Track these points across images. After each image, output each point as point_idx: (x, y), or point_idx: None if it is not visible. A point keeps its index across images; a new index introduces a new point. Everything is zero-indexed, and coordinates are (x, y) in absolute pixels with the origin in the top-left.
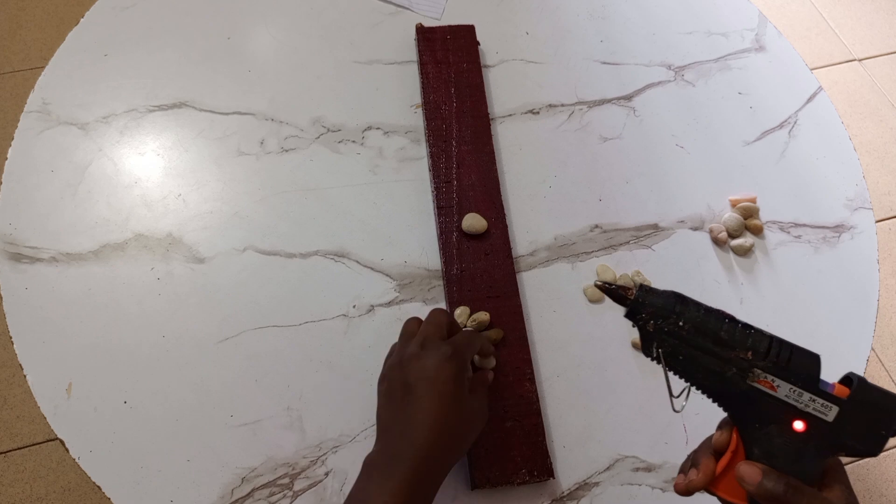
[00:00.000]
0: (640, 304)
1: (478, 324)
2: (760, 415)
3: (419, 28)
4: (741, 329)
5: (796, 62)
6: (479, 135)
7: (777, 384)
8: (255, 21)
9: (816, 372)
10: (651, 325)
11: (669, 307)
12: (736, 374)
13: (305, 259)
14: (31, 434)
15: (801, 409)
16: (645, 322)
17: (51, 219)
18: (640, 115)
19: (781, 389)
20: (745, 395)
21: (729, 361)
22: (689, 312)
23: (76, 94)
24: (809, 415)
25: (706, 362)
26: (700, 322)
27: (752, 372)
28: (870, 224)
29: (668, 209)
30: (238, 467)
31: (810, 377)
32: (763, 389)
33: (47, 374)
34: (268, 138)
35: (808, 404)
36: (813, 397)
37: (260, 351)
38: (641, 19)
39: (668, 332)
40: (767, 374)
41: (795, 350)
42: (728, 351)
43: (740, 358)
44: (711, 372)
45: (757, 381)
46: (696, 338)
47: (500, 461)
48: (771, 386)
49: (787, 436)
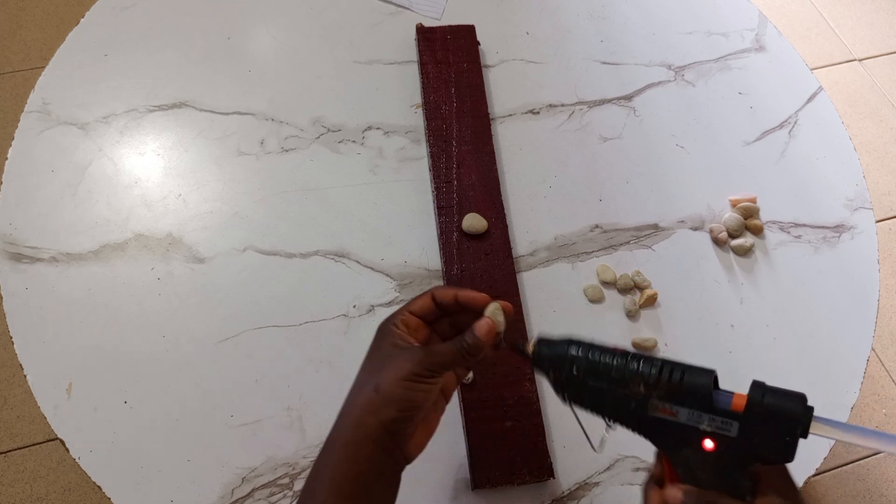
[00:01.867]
0: (539, 358)
1: None
2: (672, 440)
3: (419, 28)
4: (631, 363)
5: (796, 62)
6: (479, 135)
7: (676, 410)
8: (255, 21)
9: (709, 390)
10: (552, 375)
11: (563, 356)
12: (637, 407)
13: (305, 259)
14: (32, 434)
15: (704, 429)
16: (547, 373)
17: (51, 219)
18: (641, 115)
19: (681, 414)
20: (651, 426)
21: (626, 397)
22: (580, 358)
23: (76, 95)
24: (713, 433)
25: (608, 400)
26: (592, 365)
27: (650, 403)
28: (870, 224)
29: (668, 209)
30: (238, 467)
31: (705, 397)
32: (665, 417)
33: (47, 374)
34: (268, 138)
35: (710, 424)
36: (712, 417)
37: (260, 351)
38: (641, 19)
39: (567, 379)
40: (664, 403)
41: (687, 371)
42: (623, 388)
43: (635, 392)
44: (616, 408)
45: (658, 410)
46: (592, 380)
47: (500, 461)
48: (671, 412)
49: (702, 455)
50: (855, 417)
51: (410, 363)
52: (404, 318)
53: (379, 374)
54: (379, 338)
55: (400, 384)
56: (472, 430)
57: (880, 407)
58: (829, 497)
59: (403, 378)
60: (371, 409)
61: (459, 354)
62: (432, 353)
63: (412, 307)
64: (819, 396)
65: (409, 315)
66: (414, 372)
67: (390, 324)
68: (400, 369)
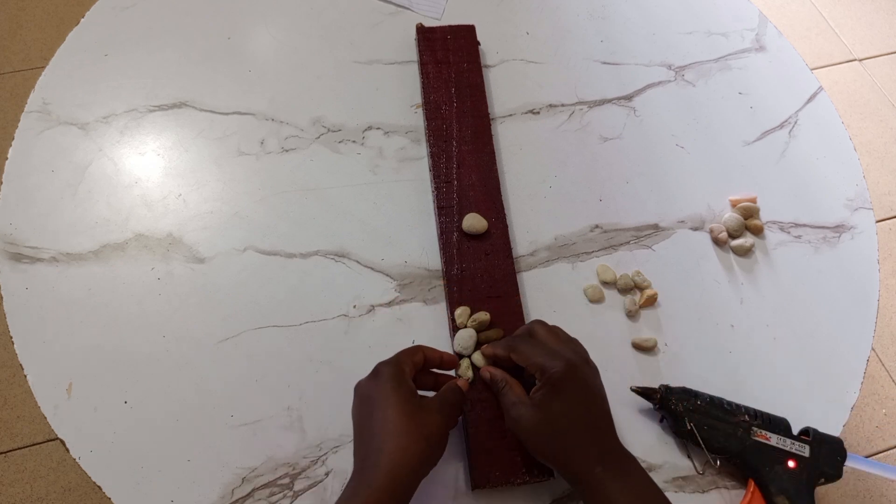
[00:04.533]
0: (667, 395)
1: (478, 324)
2: (766, 459)
3: (419, 28)
4: (734, 403)
5: (796, 62)
6: (479, 135)
7: (769, 436)
8: (255, 21)
9: (787, 422)
10: (681, 406)
11: (688, 391)
12: (743, 433)
13: (306, 259)
14: (32, 434)
15: (788, 450)
16: (675, 405)
17: (51, 219)
18: (641, 115)
19: (773, 439)
20: (752, 447)
21: (736, 424)
22: (700, 396)
23: (76, 94)
24: (795, 454)
25: (722, 427)
26: (709, 401)
27: (752, 430)
28: (870, 224)
29: (668, 209)
30: (238, 467)
31: (787, 429)
32: (762, 441)
33: (48, 374)
34: (268, 138)
35: (791, 446)
36: (792, 441)
37: (260, 351)
38: (641, 19)
39: (693, 409)
40: (762, 430)
41: (770, 414)
42: (733, 417)
43: (742, 420)
44: (727, 434)
45: (757, 435)
46: (711, 410)
47: (500, 461)
48: (766, 437)
49: (788, 472)
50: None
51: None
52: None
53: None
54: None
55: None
56: (473, 431)
57: (880, 407)
58: (830, 497)
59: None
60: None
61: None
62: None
63: (416, 360)
64: (819, 396)
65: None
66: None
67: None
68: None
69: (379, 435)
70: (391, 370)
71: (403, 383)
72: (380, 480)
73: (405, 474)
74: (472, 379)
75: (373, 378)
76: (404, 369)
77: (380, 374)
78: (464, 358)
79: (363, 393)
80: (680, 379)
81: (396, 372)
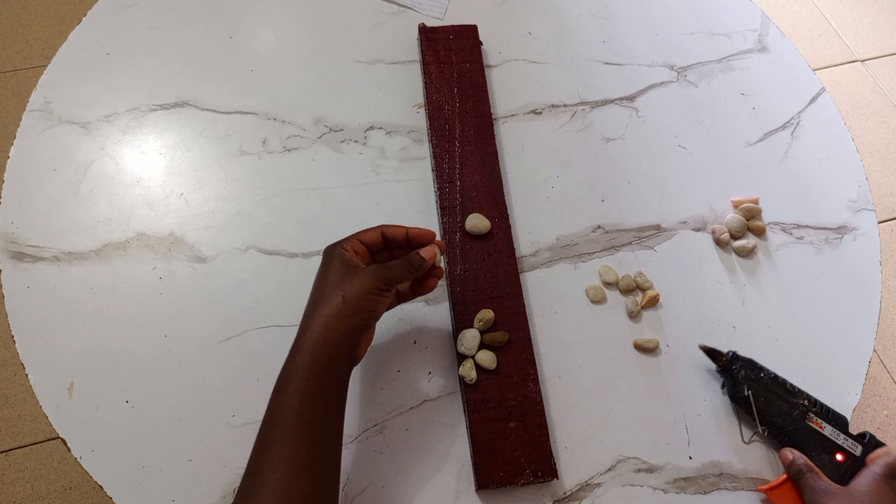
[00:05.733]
0: (732, 361)
1: (484, 322)
2: (814, 446)
3: (422, 28)
4: (798, 387)
5: (799, 63)
6: (481, 135)
7: (824, 426)
8: (257, 20)
9: (846, 420)
10: (742, 373)
11: (754, 363)
12: (799, 415)
13: (307, 259)
14: (33, 433)
15: (840, 444)
16: (738, 371)
17: (53, 218)
18: (643, 115)
19: (827, 430)
20: (804, 430)
21: (794, 406)
22: (765, 371)
23: (78, 93)
24: (846, 450)
25: (779, 404)
26: (773, 377)
27: (808, 415)
28: (872, 225)
29: (670, 210)
30: (240, 467)
31: (844, 425)
32: (816, 428)
33: (49, 373)
34: (270, 138)
35: (844, 442)
36: (846, 437)
37: (262, 350)
38: (644, 20)
39: (754, 378)
40: (819, 418)
41: (831, 408)
42: (793, 398)
43: (801, 403)
44: (782, 411)
45: (812, 421)
46: (772, 385)
47: (504, 462)
48: (820, 426)
49: (833, 463)
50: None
51: (372, 278)
52: (354, 245)
53: (342, 287)
54: (329, 259)
55: (364, 296)
56: (476, 431)
57: (882, 408)
58: None
59: (367, 291)
60: (339, 317)
61: (408, 270)
62: (388, 268)
63: (362, 237)
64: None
65: (358, 243)
66: (376, 286)
67: (340, 247)
68: (363, 283)
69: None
70: (327, 249)
71: (334, 257)
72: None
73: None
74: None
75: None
76: (344, 245)
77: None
78: (467, 358)
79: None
80: (681, 378)
81: (330, 248)
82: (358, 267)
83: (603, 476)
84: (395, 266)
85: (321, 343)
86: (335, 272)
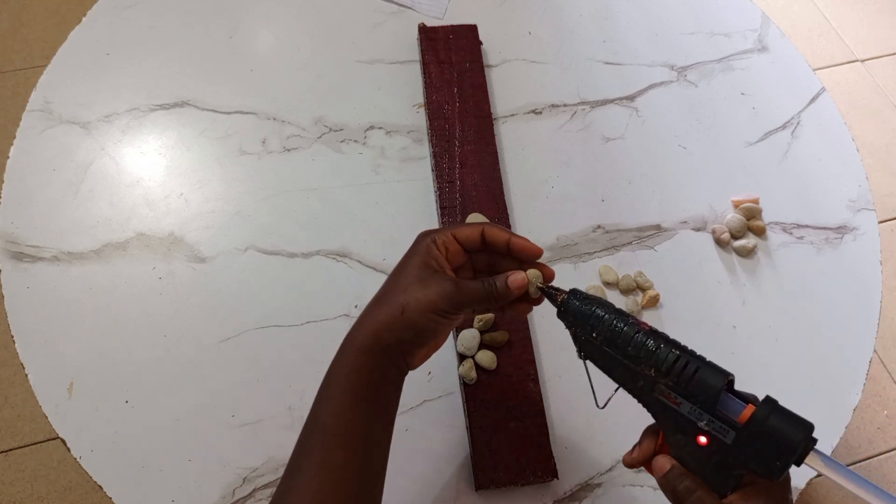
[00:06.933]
0: (566, 310)
1: (484, 323)
2: (671, 423)
3: (422, 28)
4: (651, 344)
5: (799, 63)
6: (481, 135)
7: (680, 401)
8: (257, 20)
9: (716, 394)
10: (572, 331)
11: (588, 315)
12: (644, 386)
13: (307, 259)
14: (33, 433)
15: (702, 427)
16: (569, 326)
17: (53, 218)
18: (643, 115)
19: (684, 406)
20: (654, 403)
21: (637, 374)
22: (603, 324)
23: (78, 93)
24: (710, 434)
25: (619, 371)
26: (612, 334)
27: (657, 387)
28: (872, 225)
29: (670, 210)
30: (239, 467)
31: (710, 400)
32: (668, 403)
33: (49, 374)
34: (270, 138)
35: (708, 425)
36: (712, 419)
37: (261, 351)
38: (644, 20)
39: (586, 339)
40: (671, 391)
41: (703, 368)
42: (635, 364)
43: (645, 373)
44: (624, 380)
45: (663, 395)
46: (608, 347)
47: (504, 462)
48: (675, 402)
49: (694, 445)
50: (857, 419)
51: (439, 297)
52: (446, 241)
53: (407, 295)
54: (415, 251)
55: (425, 314)
56: (476, 431)
57: (882, 408)
58: (831, 499)
59: (431, 310)
60: (391, 328)
61: (486, 297)
62: (461, 291)
63: (459, 234)
64: (821, 398)
65: (452, 239)
66: (442, 307)
67: (430, 239)
68: (430, 300)
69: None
70: (420, 235)
71: (419, 251)
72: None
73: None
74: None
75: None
76: (435, 238)
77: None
78: (466, 358)
79: None
80: None
81: (421, 237)
82: (435, 273)
83: (603, 476)
84: (471, 289)
85: (368, 347)
86: (411, 270)
